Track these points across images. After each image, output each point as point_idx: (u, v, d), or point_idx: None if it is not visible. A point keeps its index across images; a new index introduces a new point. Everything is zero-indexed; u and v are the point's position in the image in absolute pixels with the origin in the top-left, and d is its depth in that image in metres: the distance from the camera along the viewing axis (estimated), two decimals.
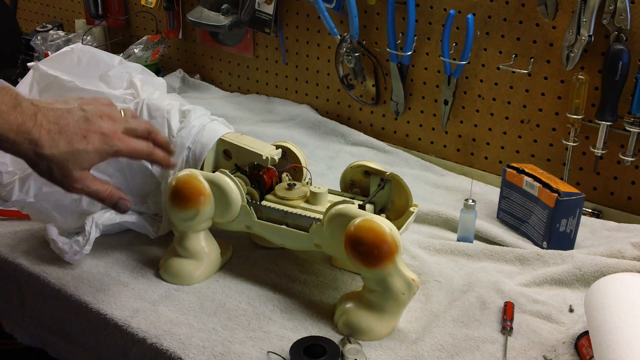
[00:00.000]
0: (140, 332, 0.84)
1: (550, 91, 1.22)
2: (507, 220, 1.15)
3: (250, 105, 1.66)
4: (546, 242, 1.06)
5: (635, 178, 1.17)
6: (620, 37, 1.09)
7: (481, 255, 1.03)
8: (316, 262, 1.01)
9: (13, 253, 1.00)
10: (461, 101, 1.34)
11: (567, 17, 1.15)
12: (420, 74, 1.39)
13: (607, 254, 1.00)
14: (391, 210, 0.96)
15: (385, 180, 0.95)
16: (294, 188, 0.96)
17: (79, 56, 1.07)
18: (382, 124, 1.49)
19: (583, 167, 1.22)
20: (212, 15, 1.62)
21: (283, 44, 1.62)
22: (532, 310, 0.90)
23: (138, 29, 1.95)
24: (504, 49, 1.26)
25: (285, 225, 0.92)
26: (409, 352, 0.82)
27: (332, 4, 1.42)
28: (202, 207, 0.91)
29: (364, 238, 0.79)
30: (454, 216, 1.13)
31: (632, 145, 1.13)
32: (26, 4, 2.24)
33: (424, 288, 0.94)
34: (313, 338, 0.82)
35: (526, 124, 1.27)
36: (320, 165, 1.35)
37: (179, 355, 0.80)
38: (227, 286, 0.94)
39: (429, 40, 1.35)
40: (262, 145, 0.99)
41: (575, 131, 1.18)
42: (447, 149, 1.40)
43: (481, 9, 1.26)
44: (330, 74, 1.55)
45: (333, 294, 0.93)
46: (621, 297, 0.77)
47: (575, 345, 0.83)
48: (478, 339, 0.84)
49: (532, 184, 1.07)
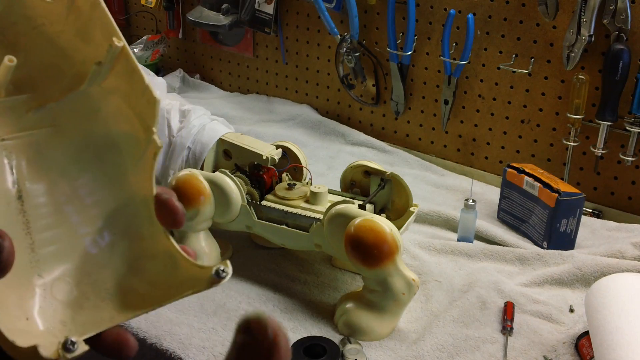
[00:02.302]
0: (140, 332, 0.84)
1: (551, 91, 1.22)
2: (507, 220, 1.15)
3: (250, 105, 1.66)
4: (546, 242, 1.06)
5: (635, 178, 1.17)
6: (620, 37, 1.09)
7: (481, 255, 1.03)
8: (316, 262, 1.00)
9: None
10: (461, 101, 1.34)
11: (567, 17, 1.15)
12: (420, 73, 1.39)
13: (607, 254, 1.00)
14: (391, 210, 0.96)
15: (386, 180, 0.95)
16: (294, 188, 0.96)
17: None
18: (382, 123, 1.49)
19: (583, 167, 1.22)
20: (212, 15, 1.62)
21: (283, 43, 1.62)
22: (533, 310, 0.90)
23: (138, 29, 1.95)
24: (504, 49, 1.25)
25: (285, 225, 0.92)
26: (409, 352, 0.82)
27: (332, 4, 1.42)
28: (202, 207, 0.91)
29: (364, 238, 0.79)
30: (454, 216, 1.12)
31: (632, 145, 1.12)
32: None
33: (424, 288, 0.94)
34: (313, 338, 0.82)
35: (526, 124, 1.27)
36: (320, 165, 1.35)
37: (179, 355, 0.80)
38: (227, 286, 0.94)
39: (429, 40, 1.35)
40: (262, 145, 0.99)
41: (575, 131, 1.18)
42: (447, 148, 1.40)
43: (481, 8, 1.26)
44: (330, 74, 1.55)
45: (333, 294, 0.93)
46: (621, 297, 0.77)
47: (576, 345, 0.83)
48: (478, 339, 0.84)
49: (533, 184, 1.07)
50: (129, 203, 0.41)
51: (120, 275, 0.40)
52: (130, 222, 0.41)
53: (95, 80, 0.39)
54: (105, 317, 0.38)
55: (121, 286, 0.40)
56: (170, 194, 0.40)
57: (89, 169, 0.41)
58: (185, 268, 0.39)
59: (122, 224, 0.41)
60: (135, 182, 0.41)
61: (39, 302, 0.37)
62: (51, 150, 0.40)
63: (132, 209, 0.41)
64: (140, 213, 0.41)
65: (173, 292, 0.38)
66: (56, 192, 0.40)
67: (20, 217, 0.38)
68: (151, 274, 0.40)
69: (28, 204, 0.38)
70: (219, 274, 0.37)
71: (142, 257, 0.41)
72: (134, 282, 0.40)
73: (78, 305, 0.39)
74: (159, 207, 0.40)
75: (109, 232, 0.41)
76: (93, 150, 0.41)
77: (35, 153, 0.39)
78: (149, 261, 0.40)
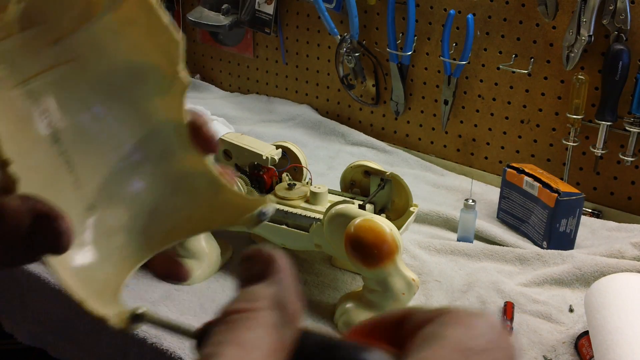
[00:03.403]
0: (140, 332, 0.84)
1: (550, 91, 1.22)
2: (507, 220, 1.15)
3: (250, 105, 1.66)
4: (546, 242, 1.06)
5: (635, 178, 1.17)
6: (620, 37, 1.09)
7: (481, 255, 1.03)
8: (316, 262, 1.01)
9: None
10: (461, 101, 1.34)
11: (567, 17, 1.15)
12: (420, 74, 1.39)
13: (607, 254, 1.00)
14: (391, 210, 0.96)
15: (386, 180, 0.95)
16: (294, 188, 0.96)
17: None
18: (382, 123, 1.49)
19: (583, 167, 1.22)
20: (212, 15, 1.62)
21: (283, 44, 1.62)
22: (532, 310, 0.90)
23: None
24: (504, 49, 1.26)
25: (286, 225, 0.92)
26: None
27: (332, 4, 1.42)
28: None
29: (364, 238, 0.79)
30: (454, 216, 1.12)
31: (632, 145, 1.13)
32: None
33: (424, 288, 0.94)
34: None
35: (526, 124, 1.27)
36: (320, 165, 1.35)
37: (179, 355, 0.80)
38: (227, 286, 0.94)
39: (429, 40, 1.35)
40: (262, 145, 0.99)
41: (575, 131, 1.18)
42: (447, 149, 1.40)
43: (481, 9, 1.26)
44: (330, 74, 1.55)
45: (333, 294, 0.93)
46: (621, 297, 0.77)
47: (575, 345, 0.83)
48: None
49: (532, 184, 1.07)
50: (161, 130, 0.41)
51: (163, 200, 0.41)
52: (165, 148, 0.41)
53: (109, 8, 0.39)
54: (156, 241, 0.39)
55: (166, 210, 0.41)
56: (203, 120, 0.41)
57: (116, 100, 0.41)
58: (227, 194, 0.40)
59: (156, 150, 0.41)
60: (165, 110, 0.41)
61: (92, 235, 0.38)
62: (76, 86, 0.40)
63: (165, 136, 0.41)
64: (174, 140, 0.41)
65: (216, 217, 0.39)
66: (87, 126, 0.40)
67: (61, 159, 0.38)
68: (193, 197, 0.41)
69: (64, 144, 0.38)
70: (261, 215, 0.37)
71: (182, 179, 0.41)
72: (177, 205, 0.41)
73: (127, 231, 0.40)
74: (194, 133, 0.40)
75: (145, 159, 0.41)
76: (118, 82, 0.41)
77: (62, 91, 0.39)
78: (189, 184, 0.41)
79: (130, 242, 0.39)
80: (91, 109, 0.40)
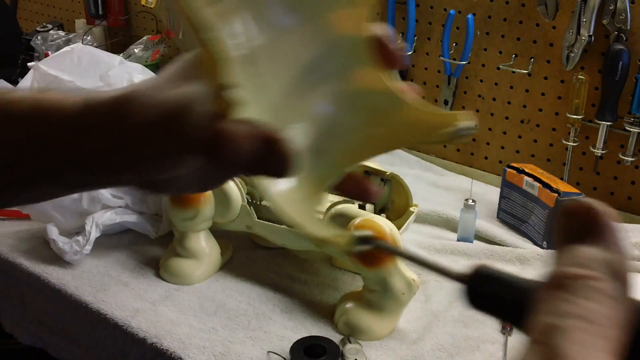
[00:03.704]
0: (140, 332, 0.84)
1: (550, 91, 1.22)
2: (507, 220, 1.15)
3: None
4: (546, 242, 1.06)
5: (635, 178, 1.17)
6: (620, 37, 1.09)
7: (481, 255, 1.03)
8: (316, 262, 1.01)
9: (13, 253, 1.00)
10: (461, 101, 1.34)
11: (567, 17, 1.15)
12: (420, 74, 1.39)
13: None
14: (391, 210, 0.96)
15: (385, 180, 0.95)
16: None
17: (79, 56, 1.07)
18: None
19: (583, 167, 1.22)
20: None
21: None
22: None
23: (138, 29, 1.95)
24: (504, 49, 1.26)
25: (286, 225, 0.92)
26: (409, 352, 0.82)
27: None
28: (202, 207, 0.91)
29: None
30: (454, 216, 1.12)
31: (632, 145, 1.13)
32: (26, 4, 2.24)
33: (424, 288, 0.94)
34: (313, 338, 0.82)
35: (526, 124, 1.27)
36: None
37: (179, 355, 0.80)
38: (227, 286, 0.94)
39: (429, 40, 1.35)
40: None
41: (575, 131, 1.18)
42: (447, 149, 1.40)
43: (481, 9, 1.26)
44: None
45: (333, 293, 0.93)
46: None
47: None
48: (478, 339, 0.84)
49: (532, 183, 1.08)
50: (340, 45, 0.40)
51: (342, 119, 0.40)
52: (343, 65, 0.40)
53: None
54: (340, 162, 0.39)
55: (345, 130, 0.40)
56: (389, 34, 0.39)
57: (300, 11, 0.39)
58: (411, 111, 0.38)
59: (333, 68, 0.40)
60: (347, 23, 0.40)
61: None
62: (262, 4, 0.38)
63: (343, 52, 0.40)
64: (353, 56, 0.40)
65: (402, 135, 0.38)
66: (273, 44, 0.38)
67: (257, 81, 0.36)
68: (373, 115, 0.40)
69: (260, 65, 0.37)
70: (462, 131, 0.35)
71: (360, 97, 0.40)
72: (356, 124, 0.40)
73: (313, 153, 0.39)
74: (380, 48, 0.39)
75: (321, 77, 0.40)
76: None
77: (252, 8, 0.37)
78: (368, 102, 0.40)
79: (317, 163, 0.39)
80: (274, 26, 0.38)
